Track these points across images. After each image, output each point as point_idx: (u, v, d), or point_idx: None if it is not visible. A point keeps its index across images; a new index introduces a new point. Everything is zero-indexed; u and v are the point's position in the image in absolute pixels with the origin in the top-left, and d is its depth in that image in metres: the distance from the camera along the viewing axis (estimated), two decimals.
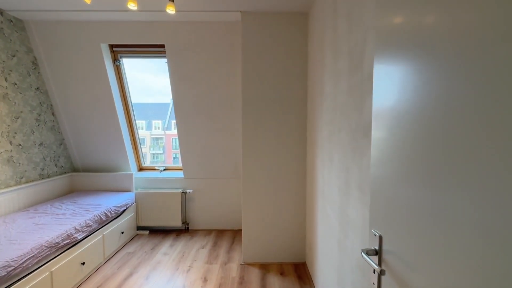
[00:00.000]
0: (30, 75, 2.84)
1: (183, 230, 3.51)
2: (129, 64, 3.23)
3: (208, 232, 3.48)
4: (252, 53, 2.48)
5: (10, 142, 2.61)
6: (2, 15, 2.52)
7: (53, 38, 2.82)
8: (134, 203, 3.35)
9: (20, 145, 2.72)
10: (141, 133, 3.67)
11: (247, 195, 2.63)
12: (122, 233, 3.00)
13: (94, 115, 3.20)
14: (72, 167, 3.49)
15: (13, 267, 1.69)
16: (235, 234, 3.41)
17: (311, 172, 2.36)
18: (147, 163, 3.72)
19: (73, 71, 2.97)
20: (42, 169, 3.00)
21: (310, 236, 2.45)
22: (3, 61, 2.54)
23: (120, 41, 2.84)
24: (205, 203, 3.52)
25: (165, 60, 3.01)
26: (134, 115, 3.46)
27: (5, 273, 1.64)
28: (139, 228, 3.46)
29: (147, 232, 3.42)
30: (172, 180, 3.51)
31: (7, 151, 2.58)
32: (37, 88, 2.94)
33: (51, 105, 3.13)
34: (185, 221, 3.51)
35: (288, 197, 2.62)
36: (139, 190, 3.44)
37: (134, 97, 3.36)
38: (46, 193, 2.98)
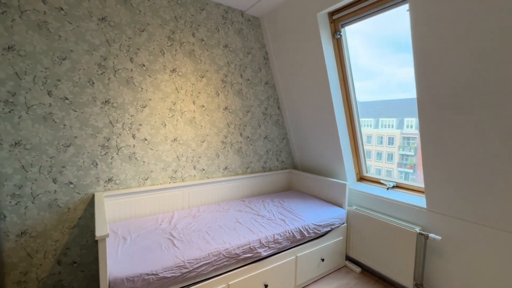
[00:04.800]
0: (261, 70, 2.93)
1: None
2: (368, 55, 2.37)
3: None
4: None
5: (241, 134, 2.83)
6: (242, 16, 2.72)
7: (276, 26, 2.67)
8: (345, 224, 2.50)
9: (248, 137, 2.89)
10: (390, 131, 3.10)
11: None
12: (323, 260, 2.29)
13: (310, 107, 2.74)
14: (292, 163, 3.35)
15: (187, 270, 1.55)
16: None
17: None
18: (394, 164, 2.84)
19: (293, 58, 2.67)
20: (265, 162, 3.07)
21: None
22: (240, 59, 2.75)
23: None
24: (468, 267, 1.83)
25: (406, 7, 1.78)
26: (356, 108, 2.57)
27: (179, 273, 1.52)
28: (348, 258, 2.57)
29: (358, 269, 2.44)
30: (404, 208, 2.19)
31: (238, 142, 2.82)
32: (266, 83, 2.99)
33: (277, 98, 3.11)
34: (420, 283, 2.06)
35: None
36: (353, 207, 2.53)
37: (383, 94, 2.64)
38: (265, 186, 3.01)
